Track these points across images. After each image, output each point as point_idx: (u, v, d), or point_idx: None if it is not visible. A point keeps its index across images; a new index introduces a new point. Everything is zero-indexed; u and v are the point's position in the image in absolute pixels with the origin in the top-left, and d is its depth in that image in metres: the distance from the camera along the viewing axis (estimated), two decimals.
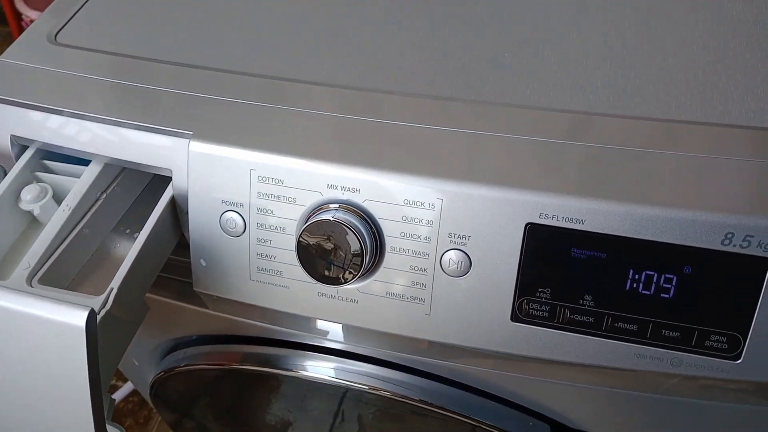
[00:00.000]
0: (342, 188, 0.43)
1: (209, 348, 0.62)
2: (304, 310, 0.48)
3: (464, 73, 0.48)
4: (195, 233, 0.47)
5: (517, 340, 0.43)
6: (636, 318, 0.40)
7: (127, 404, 1.34)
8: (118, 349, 0.47)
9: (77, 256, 0.49)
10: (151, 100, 0.49)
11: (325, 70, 0.50)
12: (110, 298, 0.43)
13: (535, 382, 0.50)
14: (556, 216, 0.39)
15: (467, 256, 0.42)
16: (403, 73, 0.49)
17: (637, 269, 0.39)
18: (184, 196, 0.47)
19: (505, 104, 0.45)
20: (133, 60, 0.52)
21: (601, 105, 0.44)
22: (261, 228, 0.46)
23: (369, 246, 0.43)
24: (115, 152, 0.48)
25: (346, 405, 0.68)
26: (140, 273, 0.46)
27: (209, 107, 0.47)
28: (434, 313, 0.44)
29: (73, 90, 0.50)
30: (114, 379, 1.35)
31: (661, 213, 0.38)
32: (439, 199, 0.41)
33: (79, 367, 0.39)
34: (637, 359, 0.41)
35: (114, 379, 1.35)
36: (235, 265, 0.47)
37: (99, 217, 0.50)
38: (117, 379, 1.34)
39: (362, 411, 0.69)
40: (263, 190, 0.44)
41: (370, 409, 0.67)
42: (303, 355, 0.58)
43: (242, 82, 0.49)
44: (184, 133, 0.46)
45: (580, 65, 0.47)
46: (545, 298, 0.41)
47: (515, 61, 0.48)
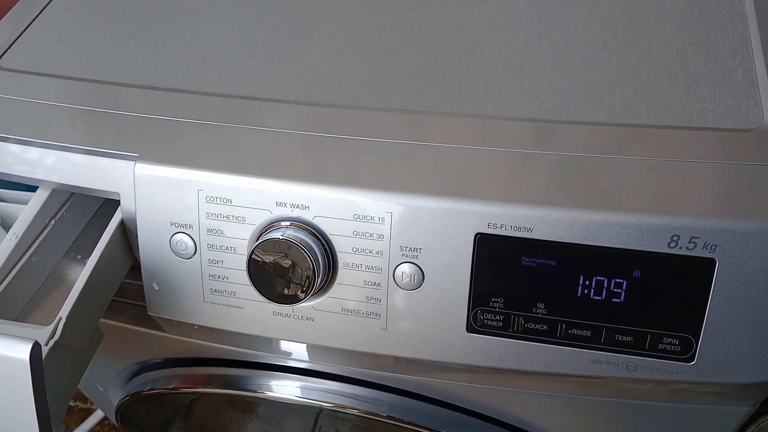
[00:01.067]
0: (291, 205, 0.42)
1: (171, 371, 0.61)
2: (260, 330, 0.47)
3: (411, 84, 0.48)
4: (146, 257, 0.46)
5: (474, 351, 0.43)
6: (589, 324, 0.40)
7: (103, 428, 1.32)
8: (71, 378, 0.46)
9: (27, 285, 0.48)
10: (97, 123, 0.48)
11: (272, 86, 0.49)
12: (59, 327, 0.42)
13: (498, 392, 0.50)
14: (504, 225, 0.39)
15: (420, 269, 0.41)
16: (350, 85, 0.49)
17: (587, 275, 0.39)
18: (133, 220, 0.46)
19: (453, 114, 0.45)
20: (78, 82, 0.51)
21: (546, 111, 0.44)
22: (212, 249, 0.45)
23: (321, 263, 0.42)
24: (61, 177, 0.47)
25: (322, 421, 0.67)
26: (91, 300, 0.45)
27: (155, 128, 0.47)
28: (390, 327, 0.44)
29: (17, 115, 0.49)
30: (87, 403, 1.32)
31: (607, 218, 0.38)
32: (388, 212, 0.41)
33: (25, 401, 0.38)
34: (593, 365, 0.41)
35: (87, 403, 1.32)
36: (188, 287, 0.47)
37: (48, 244, 0.49)
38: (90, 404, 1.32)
39: (339, 427, 0.68)
40: (212, 210, 0.44)
41: (346, 425, 0.67)
42: (267, 375, 0.58)
43: (188, 100, 0.48)
44: (129, 155, 0.45)
45: (526, 71, 0.47)
46: (499, 308, 0.41)
47: (462, 69, 0.48)
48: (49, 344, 0.42)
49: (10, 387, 0.39)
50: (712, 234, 0.37)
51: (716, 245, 0.37)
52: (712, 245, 0.37)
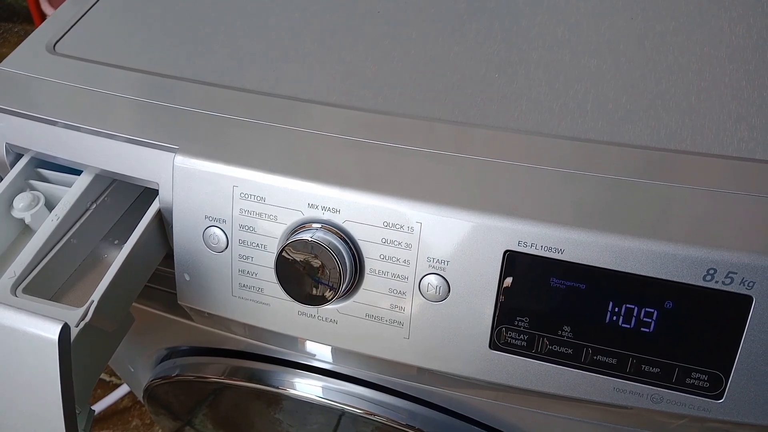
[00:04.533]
0: (322, 208, 0.43)
1: (198, 359, 0.62)
2: (284, 328, 0.47)
3: (453, 94, 0.47)
4: (179, 247, 0.47)
5: (496, 368, 0.42)
6: (615, 351, 0.39)
7: (135, 404, 1.35)
8: (100, 359, 0.48)
9: (64, 266, 0.49)
10: (142, 113, 0.49)
11: (315, 87, 0.49)
12: (90, 310, 0.43)
13: (517, 411, 0.49)
14: (535, 244, 0.39)
15: (446, 281, 0.41)
16: (392, 92, 0.48)
17: (617, 302, 0.38)
18: (169, 210, 0.47)
19: (492, 127, 0.45)
20: (128, 72, 0.52)
21: (589, 131, 0.43)
22: (243, 245, 0.45)
23: (348, 267, 0.42)
24: (105, 164, 0.49)
25: (344, 421, 0.67)
26: (124, 284, 0.46)
27: (197, 122, 0.47)
28: (413, 336, 0.43)
29: (68, 101, 0.51)
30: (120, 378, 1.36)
31: (642, 245, 0.37)
32: (418, 222, 0.41)
33: (52, 379, 0.39)
34: (616, 393, 0.40)
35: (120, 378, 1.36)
36: (218, 280, 0.47)
37: (88, 228, 0.50)
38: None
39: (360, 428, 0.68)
40: (245, 207, 0.44)
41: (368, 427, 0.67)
42: (291, 373, 0.58)
43: (231, 97, 0.49)
44: (170, 146, 0.46)
45: (570, 88, 0.46)
46: (524, 327, 0.41)
47: (505, 82, 0.48)
48: (80, 326, 0.43)
49: (37, 365, 0.40)
50: (751, 270, 0.36)
51: (754, 282, 0.36)
52: (750, 282, 0.36)
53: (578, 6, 0.54)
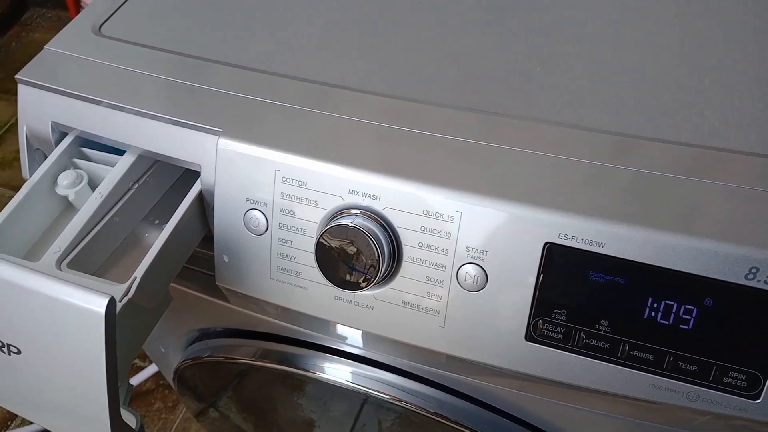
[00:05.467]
0: (363, 194, 0.43)
1: (231, 341, 0.63)
2: (320, 312, 0.48)
3: (493, 85, 0.48)
4: (219, 229, 0.48)
5: (531, 360, 0.42)
6: (653, 347, 0.40)
7: (158, 387, 1.37)
8: (138, 336, 0.49)
9: (106, 243, 0.50)
10: (186, 96, 0.50)
11: (358, 75, 0.50)
12: (133, 286, 0.44)
13: (549, 404, 0.49)
14: (575, 237, 0.39)
15: (484, 271, 0.41)
16: (434, 82, 0.49)
17: (656, 298, 0.39)
18: (211, 192, 0.48)
19: (533, 119, 0.45)
20: (172, 55, 0.53)
21: (631, 126, 0.43)
22: (283, 228, 0.46)
23: (386, 254, 0.43)
24: (149, 144, 0.50)
25: (366, 409, 0.68)
26: (164, 264, 0.47)
27: (241, 106, 0.48)
28: (448, 325, 0.44)
29: (113, 82, 0.51)
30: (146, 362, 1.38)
31: (684, 242, 0.37)
32: (458, 212, 0.41)
33: (97, 352, 0.40)
34: (652, 390, 0.40)
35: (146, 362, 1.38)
36: (257, 262, 0.48)
37: (130, 207, 0.51)
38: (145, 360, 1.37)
39: (382, 416, 0.69)
40: (286, 191, 0.45)
41: (390, 415, 0.67)
42: (322, 357, 0.59)
43: (275, 82, 0.50)
44: (213, 129, 0.46)
45: (612, 83, 0.46)
46: (561, 320, 0.41)
47: (546, 75, 0.48)
48: (123, 301, 0.44)
49: (82, 338, 0.41)
50: None
51: None
52: None
53: (621, 1, 0.54)
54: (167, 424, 1.32)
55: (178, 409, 1.34)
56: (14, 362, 0.44)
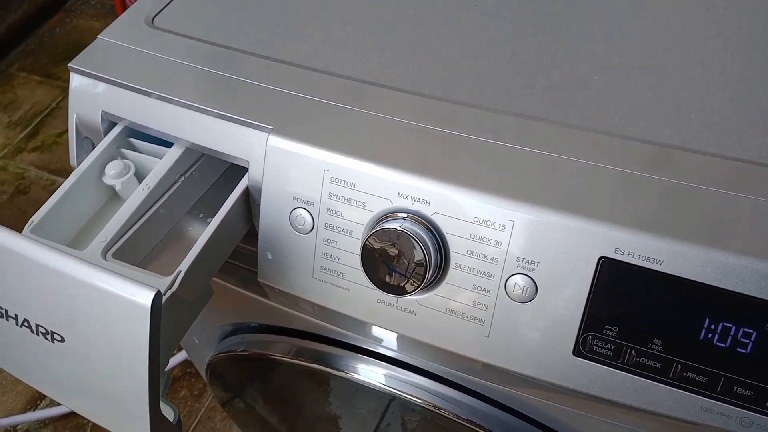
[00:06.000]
0: (412, 198, 0.42)
1: (266, 337, 0.63)
2: (362, 315, 0.47)
3: (551, 93, 0.47)
4: (264, 226, 0.48)
5: (578, 376, 0.41)
6: (707, 370, 0.38)
7: (185, 375, 1.38)
8: (179, 329, 0.49)
9: (151, 235, 0.50)
10: (237, 91, 0.49)
11: (410, 77, 0.49)
12: (177, 280, 0.44)
13: (589, 419, 0.48)
14: (632, 253, 0.38)
15: (534, 283, 0.41)
16: (488, 86, 0.48)
17: (714, 319, 0.37)
18: (258, 188, 0.47)
19: (591, 129, 0.44)
20: (224, 50, 0.53)
21: (693, 140, 0.42)
22: (328, 228, 0.46)
23: (433, 260, 0.42)
24: (197, 138, 0.49)
25: (392, 408, 0.68)
26: (208, 258, 0.47)
27: (292, 104, 0.48)
28: (493, 335, 0.43)
29: (165, 74, 0.52)
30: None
31: (747, 263, 0.36)
32: (510, 221, 0.40)
33: (140, 344, 0.40)
34: (703, 413, 0.39)
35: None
36: (300, 261, 0.48)
37: (176, 199, 0.51)
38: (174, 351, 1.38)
39: (407, 416, 0.68)
40: (334, 191, 0.44)
41: (415, 417, 0.67)
42: (355, 357, 0.58)
43: (327, 81, 0.49)
44: (264, 126, 0.46)
45: (674, 96, 0.45)
46: (612, 337, 0.40)
47: (605, 84, 0.47)
48: (167, 294, 0.44)
49: (128, 329, 0.41)
50: None
51: None
52: None
53: (683, 13, 0.52)
54: (193, 412, 1.33)
55: (204, 398, 1.35)
56: (57, 350, 0.44)
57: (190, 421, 1.32)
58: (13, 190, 1.76)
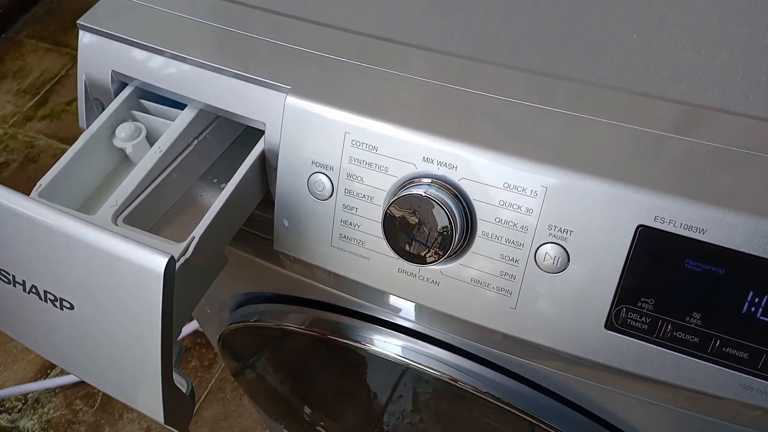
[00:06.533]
0: (438, 163, 0.40)
1: (280, 307, 0.61)
2: (382, 285, 0.46)
3: (585, 53, 0.44)
4: (281, 191, 0.46)
5: (609, 350, 0.39)
6: (749, 345, 0.36)
7: (195, 346, 1.38)
8: (192, 297, 0.47)
9: (164, 200, 0.49)
10: (252, 50, 0.47)
11: (437, 34, 0.47)
12: (191, 246, 0.43)
13: (614, 394, 0.46)
14: (673, 221, 0.35)
15: (566, 252, 0.39)
16: (519, 46, 0.45)
17: (758, 292, 0.35)
18: (274, 152, 0.45)
19: (629, 91, 0.41)
20: (240, 6, 0.51)
21: (739, 103, 0.40)
22: (348, 194, 0.44)
23: (459, 228, 0.40)
24: (212, 99, 0.47)
25: (404, 380, 0.66)
26: (223, 224, 0.45)
27: (311, 63, 0.45)
28: (520, 307, 0.41)
29: (177, 31, 0.49)
30: None
31: None
32: (543, 187, 0.38)
33: (153, 311, 0.39)
34: (742, 390, 0.37)
35: None
36: (318, 229, 0.46)
37: (189, 163, 0.49)
38: None
39: (419, 389, 0.67)
40: (355, 155, 0.42)
41: (428, 388, 0.66)
42: (372, 329, 0.57)
43: (348, 39, 0.47)
44: (282, 86, 0.44)
45: (717, 56, 0.42)
46: (647, 309, 0.38)
47: (644, 44, 0.44)
48: (180, 261, 0.42)
49: (140, 297, 0.39)
50: None
51: None
52: None
53: None
54: (203, 383, 1.33)
55: (215, 368, 1.35)
56: (67, 317, 0.42)
57: (201, 391, 1.32)
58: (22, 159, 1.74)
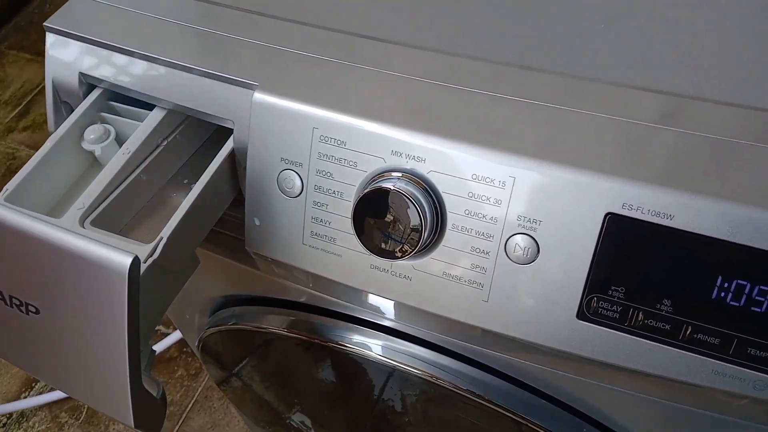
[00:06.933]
0: (407, 156, 0.40)
1: (257, 309, 0.61)
2: (354, 282, 0.45)
3: (555, 43, 0.44)
4: (251, 190, 0.45)
5: (582, 340, 0.39)
6: (719, 331, 0.36)
7: (181, 354, 1.37)
8: (163, 300, 0.46)
9: (132, 202, 0.48)
10: (220, 48, 0.47)
11: (403, 29, 0.46)
12: (159, 247, 0.42)
13: (594, 387, 0.46)
14: (641, 208, 0.35)
15: (535, 243, 0.38)
16: (486, 37, 0.45)
17: (727, 277, 0.35)
18: (243, 150, 0.45)
19: (597, 80, 0.41)
20: (206, 5, 0.50)
21: (706, 89, 0.40)
22: (318, 191, 0.43)
23: (429, 221, 0.40)
24: (180, 98, 0.47)
25: (392, 382, 0.66)
26: (193, 225, 0.45)
27: (278, 59, 0.45)
28: (492, 300, 0.41)
29: (144, 31, 0.49)
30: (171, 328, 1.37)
31: (763, 216, 0.33)
32: (511, 177, 0.38)
33: (118, 314, 0.38)
34: (715, 377, 0.37)
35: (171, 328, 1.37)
36: (289, 227, 0.45)
37: (158, 164, 0.49)
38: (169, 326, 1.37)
39: (407, 390, 0.66)
40: (324, 151, 0.42)
41: (415, 390, 0.65)
42: (351, 328, 0.56)
43: (315, 35, 0.46)
44: (249, 83, 0.44)
45: (687, 43, 0.42)
46: (618, 298, 0.37)
47: (613, 33, 0.44)
48: (148, 262, 0.41)
49: (105, 298, 0.39)
50: None
51: None
52: None
53: None
54: (190, 392, 1.32)
55: (201, 377, 1.34)
56: (32, 322, 0.42)
57: (187, 400, 1.30)
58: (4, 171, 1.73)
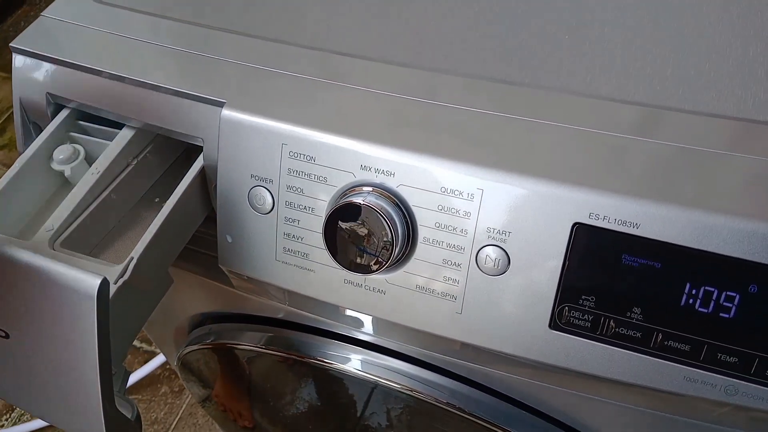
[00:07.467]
0: (376, 170, 0.40)
1: (235, 326, 0.60)
2: (328, 297, 0.45)
3: (520, 55, 0.44)
4: (222, 207, 0.45)
5: (555, 350, 0.39)
6: (689, 337, 0.36)
7: (164, 372, 1.35)
8: (136, 320, 0.46)
9: (103, 222, 0.47)
10: (187, 65, 0.47)
11: (371, 43, 0.47)
12: (129, 267, 0.42)
13: (570, 395, 0.46)
14: (607, 217, 0.35)
15: (506, 254, 0.38)
16: (453, 51, 0.45)
17: (695, 283, 0.35)
18: (213, 168, 0.45)
19: (562, 90, 0.41)
20: (174, 23, 0.50)
21: (668, 98, 0.40)
22: (289, 207, 0.43)
23: (400, 235, 0.40)
24: (148, 117, 0.47)
25: (375, 396, 0.66)
26: (164, 244, 0.44)
27: (246, 76, 0.45)
28: (466, 312, 0.41)
29: (111, 50, 0.49)
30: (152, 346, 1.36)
31: (728, 223, 0.34)
32: (479, 189, 0.38)
33: (88, 336, 0.38)
34: (687, 383, 0.37)
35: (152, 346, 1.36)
36: (262, 243, 0.45)
37: (128, 184, 0.49)
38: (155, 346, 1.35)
39: (391, 405, 0.66)
40: (294, 167, 0.42)
41: (399, 404, 0.65)
42: (329, 344, 0.56)
43: (282, 51, 0.47)
44: (217, 100, 0.43)
45: (648, 52, 0.43)
46: (589, 307, 0.38)
47: (576, 43, 0.44)
48: (118, 283, 0.41)
49: (75, 321, 0.38)
50: None
51: None
52: None
53: None
54: (174, 409, 1.30)
55: (185, 394, 1.32)
56: (1, 347, 0.41)
57: (171, 418, 1.29)
58: None
